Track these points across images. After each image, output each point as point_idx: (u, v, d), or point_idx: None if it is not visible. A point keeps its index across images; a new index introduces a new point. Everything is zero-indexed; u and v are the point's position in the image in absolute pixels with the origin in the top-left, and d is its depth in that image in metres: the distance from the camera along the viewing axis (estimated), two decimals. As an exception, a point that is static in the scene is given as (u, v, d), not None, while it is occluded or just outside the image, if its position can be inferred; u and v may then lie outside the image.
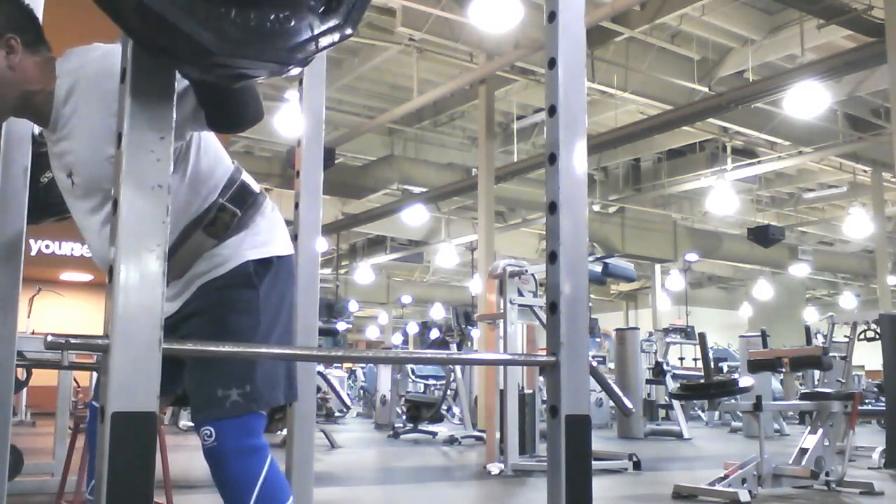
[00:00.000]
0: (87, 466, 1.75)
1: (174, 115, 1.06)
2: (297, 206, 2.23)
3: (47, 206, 2.19)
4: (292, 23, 1.05)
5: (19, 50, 1.59)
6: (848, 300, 24.60)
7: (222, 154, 1.80)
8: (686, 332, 13.64)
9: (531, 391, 6.92)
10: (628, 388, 10.29)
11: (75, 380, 7.62)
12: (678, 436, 9.97)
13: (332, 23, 1.09)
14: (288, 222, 1.98)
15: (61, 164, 1.70)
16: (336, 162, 14.11)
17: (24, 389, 8.94)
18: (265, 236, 1.78)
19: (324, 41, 1.10)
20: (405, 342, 25.15)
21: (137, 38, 1.00)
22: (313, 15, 1.08)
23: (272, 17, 1.04)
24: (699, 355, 7.28)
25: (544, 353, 1.33)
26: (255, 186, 1.82)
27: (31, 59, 1.61)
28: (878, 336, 6.75)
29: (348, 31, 1.11)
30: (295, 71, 1.16)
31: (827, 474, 4.88)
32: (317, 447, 3.22)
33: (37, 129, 2.13)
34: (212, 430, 1.65)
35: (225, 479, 1.66)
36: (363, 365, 16.35)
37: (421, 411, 10.07)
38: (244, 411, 1.66)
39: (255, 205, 1.79)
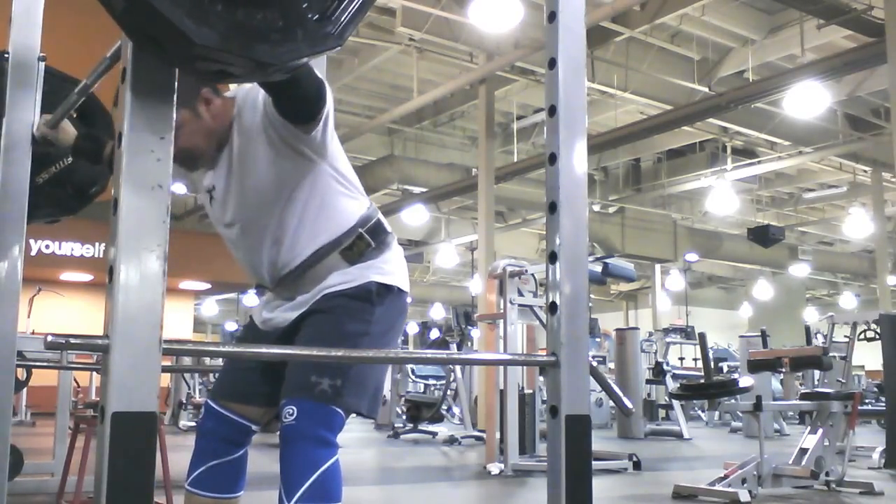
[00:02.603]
0: (192, 459, 1.96)
1: (174, 116, 1.06)
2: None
3: (40, 208, 2.20)
4: (280, 24, 1.04)
5: (214, 98, 1.85)
6: (848, 300, 24.60)
7: (360, 192, 1.99)
8: (686, 332, 13.64)
9: (531, 391, 6.91)
10: (628, 388, 10.29)
11: (75, 380, 7.63)
12: (678, 436, 9.97)
13: (322, 31, 1.08)
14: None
15: (208, 184, 1.95)
16: (336, 162, 14.08)
17: (24, 389, 8.94)
18: (391, 267, 1.96)
19: (310, 48, 1.08)
20: (405, 342, 25.16)
21: (121, 21, 0.99)
22: (305, 21, 1.06)
23: (259, 17, 1.02)
24: (699, 355, 7.28)
25: (544, 353, 1.33)
26: (388, 227, 2.01)
27: (219, 101, 1.87)
28: (878, 336, 6.75)
29: (337, 42, 1.09)
30: (278, 75, 1.12)
31: (827, 474, 4.87)
32: (317, 447, 3.22)
33: (37, 130, 2.13)
34: (295, 409, 1.76)
35: (289, 459, 1.75)
36: (363, 365, 16.32)
37: (421, 411, 10.07)
38: (329, 401, 1.77)
39: (385, 242, 1.97)
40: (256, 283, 2.04)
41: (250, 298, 18.00)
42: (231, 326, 20.06)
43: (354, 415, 1.89)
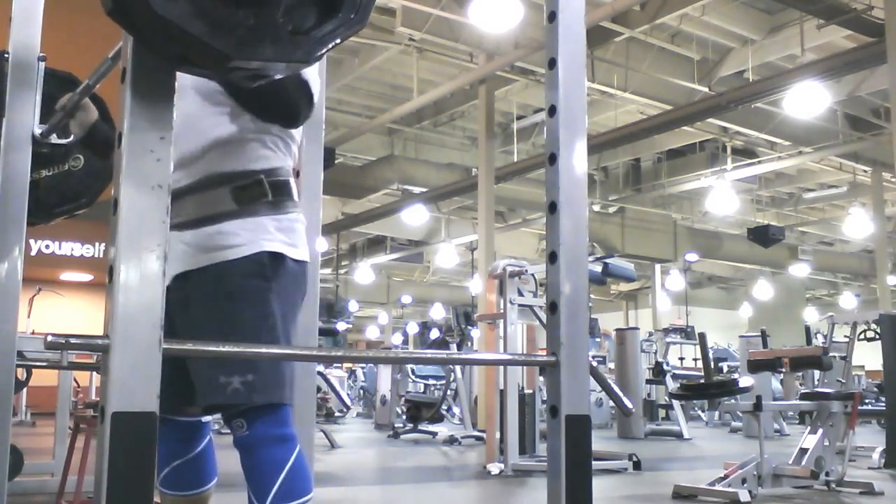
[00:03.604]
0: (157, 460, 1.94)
1: (174, 116, 1.06)
2: (297, 206, 2.23)
3: (33, 209, 2.20)
4: (252, 22, 1.01)
5: None
6: (848, 300, 24.59)
7: (286, 152, 1.84)
8: (686, 332, 13.64)
9: (531, 391, 6.91)
10: (628, 388, 10.29)
11: (75, 380, 7.63)
12: (678, 436, 9.97)
13: (292, 42, 1.05)
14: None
15: None
16: (336, 162, 14.12)
17: (24, 389, 8.94)
18: (284, 235, 1.77)
19: (276, 55, 1.04)
20: (405, 342, 25.14)
21: None
22: (278, 28, 1.03)
23: (231, 10, 1.00)
24: (699, 355, 7.28)
25: (544, 353, 1.33)
26: (296, 196, 1.85)
27: None
28: (878, 336, 6.75)
29: (305, 58, 1.07)
30: (237, 75, 1.08)
31: (827, 474, 4.87)
32: (317, 447, 3.21)
33: (37, 130, 2.13)
34: (243, 421, 1.68)
35: (252, 466, 1.68)
36: (363, 365, 16.34)
37: (421, 411, 10.07)
38: (244, 399, 1.66)
39: (284, 203, 1.79)
40: None
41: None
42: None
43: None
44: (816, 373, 8.71)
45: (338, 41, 1.10)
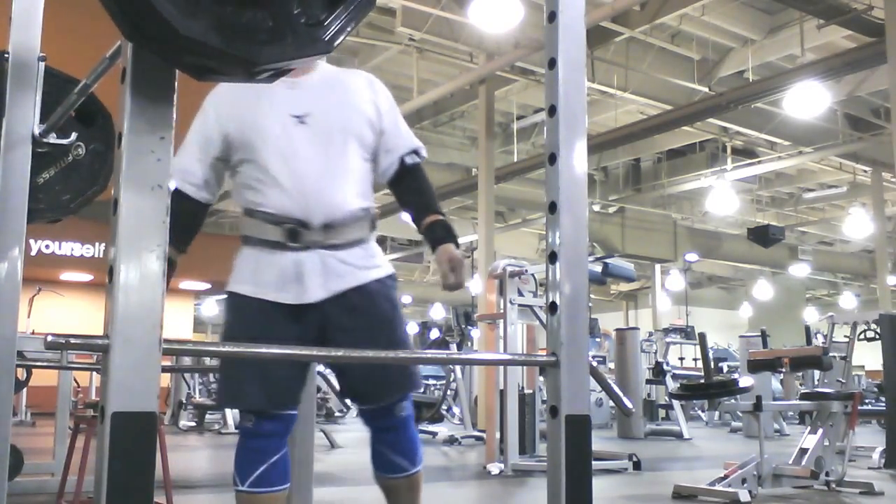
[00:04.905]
0: (249, 460, 2.09)
1: (174, 115, 1.06)
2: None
3: (41, 208, 2.20)
4: (270, 24, 1.01)
5: None
6: (848, 300, 24.59)
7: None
8: (686, 332, 13.64)
9: (531, 391, 6.91)
10: (628, 388, 10.28)
11: (75, 380, 7.63)
12: (678, 436, 9.97)
13: (311, 36, 1.04)
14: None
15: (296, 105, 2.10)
16: (336, 162, 14.08)
17: (24, 389, 8.95)
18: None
19: (298, 51, 1.04)
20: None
21: (110, 10, 0.97)
22: (295, 24, 1.03)
23: (248, 15, 1.00)
24: (699, 355, 7.28)
25: (544, 353, 1.34)
26: None
27: None
28: (878, 336, 6.75)
29: (326, 48, 1.06)
30: (263, 76, 1.07)
31: (827, 474, 4.87)
32: (317, 447, 3.21)
33: (37, 130, 2.13)
34: (406, 403, 2.14)
35: (408, 438, 2.17)
36: (363, 365, 16.31)
37: (421, 411, 10.05)
38: (420, 385, 2.27)
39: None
40: (287, 229, 2.02)
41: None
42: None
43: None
44: (816, 373, 8.71)
45: (353, 25, 1.10)
